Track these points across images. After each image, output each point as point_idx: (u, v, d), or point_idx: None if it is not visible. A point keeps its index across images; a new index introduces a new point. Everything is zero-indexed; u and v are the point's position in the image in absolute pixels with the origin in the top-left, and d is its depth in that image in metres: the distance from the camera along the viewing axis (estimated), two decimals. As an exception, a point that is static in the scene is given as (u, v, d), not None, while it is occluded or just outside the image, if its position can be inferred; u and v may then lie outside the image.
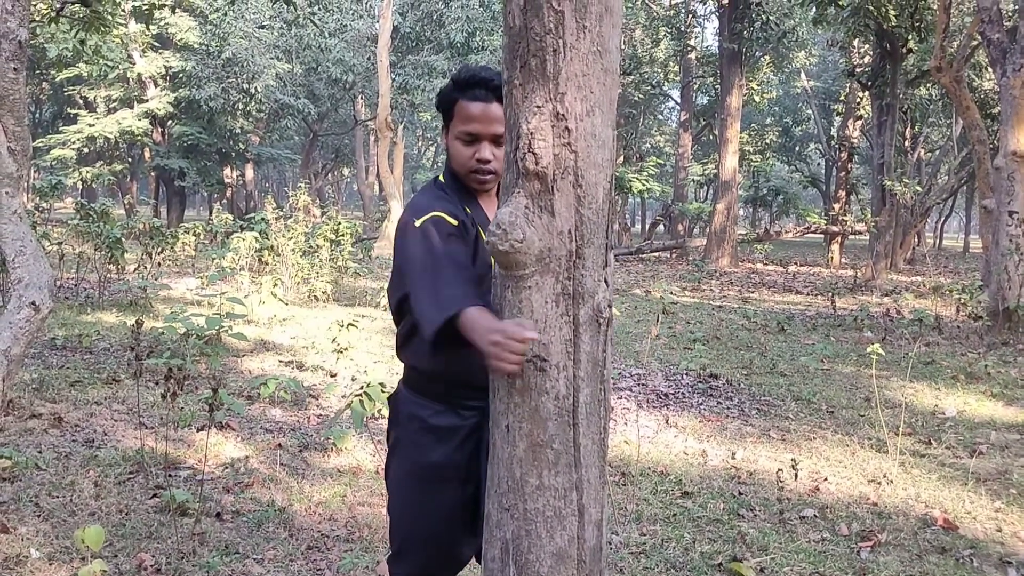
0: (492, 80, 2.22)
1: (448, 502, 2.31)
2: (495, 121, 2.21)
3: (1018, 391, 7.65)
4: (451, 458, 2.29)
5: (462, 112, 2.25)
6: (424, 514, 2.34)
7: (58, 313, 9.25)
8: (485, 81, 2.23)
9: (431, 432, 2.31)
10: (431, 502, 2.32)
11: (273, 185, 55.39)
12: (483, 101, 2.22)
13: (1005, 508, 4.70)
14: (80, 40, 11.74)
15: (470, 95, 2.24)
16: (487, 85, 2.22)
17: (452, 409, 2.30)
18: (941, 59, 12.40)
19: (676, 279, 18.55)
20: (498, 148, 2.24)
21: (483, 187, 2.29)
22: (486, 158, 2.23)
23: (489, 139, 2.23)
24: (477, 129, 2.22)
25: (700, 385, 7.62)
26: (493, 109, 2.22)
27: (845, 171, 26.28)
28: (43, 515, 4.06)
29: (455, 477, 2.30)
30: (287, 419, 6.03)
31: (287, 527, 4.13)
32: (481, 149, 2.23)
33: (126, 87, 27.13)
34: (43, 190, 18.93)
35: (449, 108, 2.29)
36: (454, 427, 2.29)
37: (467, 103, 2.24)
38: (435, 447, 2.30)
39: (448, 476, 2.30)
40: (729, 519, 4.44)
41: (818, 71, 43.09)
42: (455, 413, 2.29)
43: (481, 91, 2.23)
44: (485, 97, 2.22)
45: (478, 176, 2.26)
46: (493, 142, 2.23)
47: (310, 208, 14.89)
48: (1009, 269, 10.67)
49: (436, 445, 2.30)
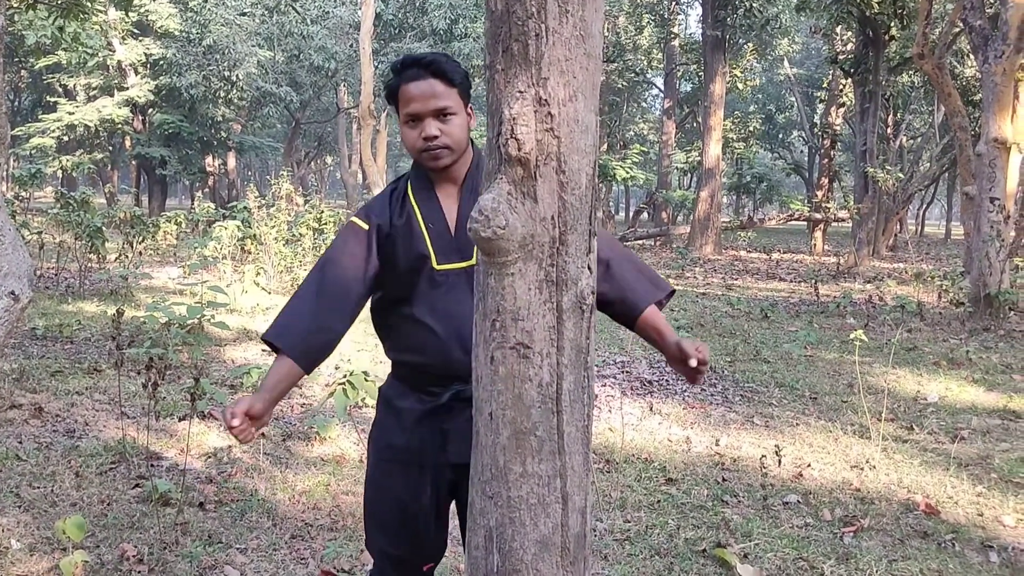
0: (424, 58, 2.21)
1: (404, 484, 2.33)
2: (434, 96, 2.19)
3: (999, 376, 7.71)
4: (407, 441, 2.32)
5: (403, 96, 2.23)
6: (381, 493, 2.38)
7: (38, 303, 9.18)
8: (417, 60, 2.22)
9: (394, 413, 2.36)
10: (387, 481, 2.36)
11: (255, 174, 55.07)
12: (419, 79, 2.20)
13: (986, 493, 4.73)
14: (59, 27, 11.64)
15: (406, 76, 2.22)
16: (420, 63, 2.21)
17: (414, 392, 2.33)
18: (923, 46, 12.44)
19: (660, 266, 18.58)
20: (443, 123, 2.21)
21: (438, 164, 2.25)
22: (432, 134, 2.20)
23: (431, 115, 2.20)
24: (417, 108, 2.20)
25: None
26: (431, 85, 2.20)
27: (828, 158, 26.36)
28: (24, 506, 4.03)
29: (411, 461, 2.32)
30: (270, 408, 6.00)
31: (271, 516, 4.11)
32: (425, 127, 2.20)
33: (106, 75, 26.91)
34: (22, 179, 18.74)
35: (394, 97, 2.27)
36: (411, 409, 2.32)
37: (405, 85, 2.22)
38: (395, 428, 2.35)
39: (404, 459, 2.33)
40: (713, 505, 4.45)
41: (801, 58, 43.22)
42: (416, 396, 2.32)
43: (415, 70, 2.21)
44: (420, 75, 2.20)
45: (429, 154, 2.23)
46: (436, 117, 2.21)
47: (293, 196, 14.79)
48: (990, 255, 10.73)
49: (396, 426, 2.35)
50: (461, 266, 2.26)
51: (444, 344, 2.25)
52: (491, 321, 1.68)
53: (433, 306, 2.27)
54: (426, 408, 2.31)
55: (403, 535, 2.37)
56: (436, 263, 2.26)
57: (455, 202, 2.30)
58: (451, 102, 2.21)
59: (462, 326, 2.21)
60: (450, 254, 2.26)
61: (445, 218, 2.28)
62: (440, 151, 2.22)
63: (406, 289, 2.29)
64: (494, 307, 1.69)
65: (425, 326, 2.27)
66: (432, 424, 2.30)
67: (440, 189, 2.31)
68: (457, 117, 2.23)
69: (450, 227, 2.28)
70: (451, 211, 2.29)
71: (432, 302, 2.27)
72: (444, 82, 2.21)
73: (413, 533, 2.35)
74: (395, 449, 2.34)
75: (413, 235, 2.26)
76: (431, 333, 2.26)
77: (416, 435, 2.31)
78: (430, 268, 2.26)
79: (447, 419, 2.29)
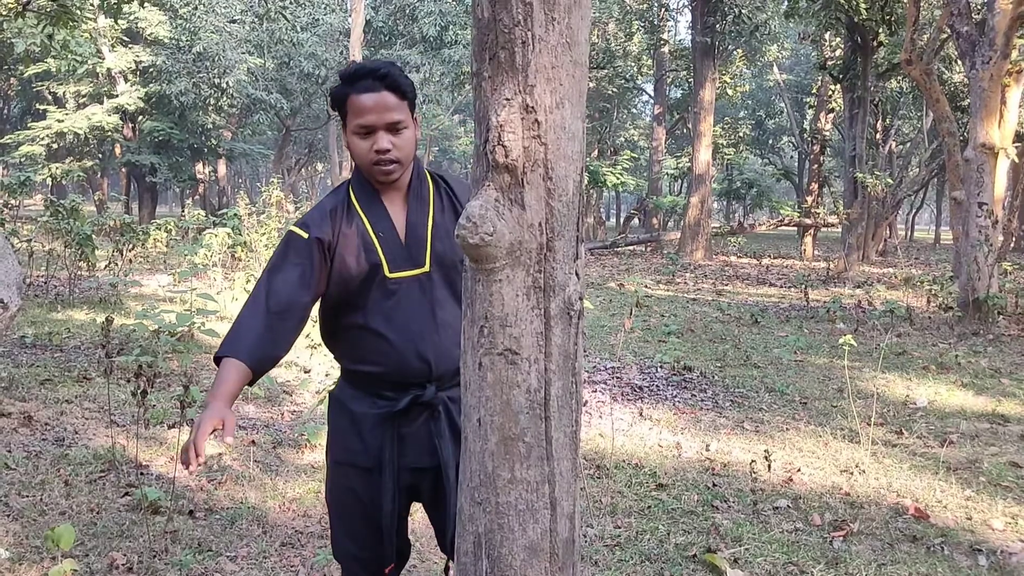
0: (379, 69, 2.19)
1: (364, 487, 2.33)
2: (388, 110, 2.18)
3: (988, 381, 7.74)
4: (364, 445, 2.31)
5: (354, 106, 2.20)
6: (343, 497, 2.39)
7: (27, 311, 9.15)
8: (372, 71, 2.19)
9: (348, 417, 2.35)
10: (347, 484, 2.36)
11: (246, 181, 55.01)
12: (373, 91, 2.18)
13: (975, 496, 4.75)
14: (48, 35, 11.61)
15: (359, 87, 2.19)
16: (375, 75, 2.19)
17: (368, 396, 2.33)
18: (911, 52, 12.50)
19: (650, 272, 18.61)
20: (396, 136, 2.21)
21: (388, 178, 2.25)
22: (384, 147, 2.20)
23: (384, 128, 2.20)
24: (371, 120, 2.19)
25: (674, 378, 7.66)
26: (385, 98, 2.18)
27: (817, 164, 26.45)
28: (13, 515, 4.01)
29: (369, 465, 2.31)
30: (260, 416, 6.00)
31: (261, 524, 4.10)
32: (378, 140, 2.20)
33: (95, 82, 26.84)
34: (12, 187, 18.67)
35: (342, 105, 2.24)
36: (366, 414, 2.32)
37: (357, 96, 2.19)
38: (350, 432, 2.34)
39: (362, 463, 2.32)
40: (703, 511, 4.46)
41: (790, 64, 43.33)
42: (370, 400, 2.32)
43: (368, 81, 2.19)
44: (374, 87, 2.18)
45: (381, 168, 2.22)
46: (389, 131, 2.20)
47: (283, 203, 14.80)
48: (979, 260, 10.79)
49: (351, 430, 2.34)
50: (413, 274, 2.27)
51: (400, 353, 2.25)
52: (479, 327, 1.69)
53: (387, 315, 2.27)
54: (382, 413, 2.30)
55: (369, 537, 2.36)
56: (388, 271, 2.26)
57: (402, 210, 2.30)
58: (403, 116, 2.21)
59: (416, 334, 2.24)
60: (401, 262, 2.27)
61: (394, 226, 2.29)
62: (392, 165, 2.23)
63: (357, 298, 2.28)
64: (482, 313, 1.69)
65: (379, 335, 2.27)
66: (389, 429, 2.30)
67: (386, 197, 2.31)
68: (408, 131, 2.23)
69: (400, 235, 2.28)
70: (399, 219, 2.30)
71: (386, 311, 2.27)
72: (397, 95, 2.20)
73: (377, 535, 2.35)
74: (352, 453, 2.34)
75: (364, 245, 2.26)
76: (386, 342, 2.26)
77: (373, 439, 2.31)
78: (382, 277, 2.26)
79: (404, 423, 2.29)
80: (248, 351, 2.18)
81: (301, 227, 2.29)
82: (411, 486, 2.34)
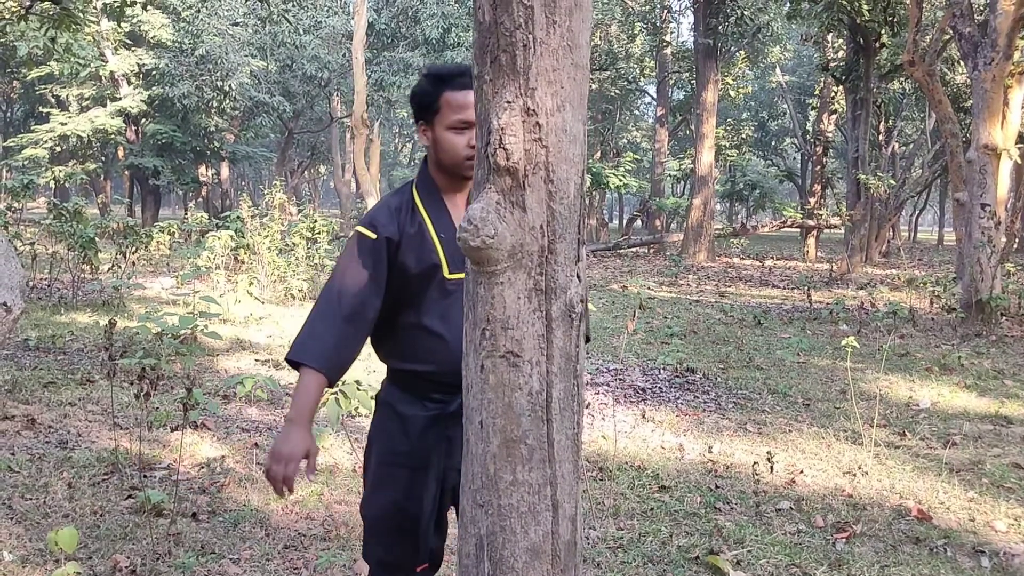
0: (470, 70, 2.26)
1: (406, 486, 2.35)
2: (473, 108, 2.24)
3: (991, 382, 7.73)
4: (414, 446, 2.34)
5: (453, 102, 2.27)
6: (382, 497, 2.39)
7: (31, 314, 9.16)
8: (467, 70, 2.26)
9: (397, 418, 2.37)
10: (389, 484, 2.37)
11: (249, 183, 55.00)
12: (468, 89, 2.24)
13: (978, 498, 4.75)
14: (51, 38, 11.63)
15: (458, 84, 2.27)
16: (469, 74, 2.25)
17: (418, 399, 2.35)
18: (914, 53, 12.49)
19: (653, 274, 18.60)
20: None
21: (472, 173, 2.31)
22: (475, 143, 2.24)
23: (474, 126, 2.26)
24: (470, 116, 2.24)
25: (677, 379, 7.65)
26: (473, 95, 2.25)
27: (820, 165, 26.42)
28: (16, 517, 4.02)
29: (415, 465, 2.34)
30: (264, 418, 6.00)
31: (264, 526, 4.11)
32: (473, 136, 2.25)
33: (98, 85, 26.89)
34: (15, 190, 18.68)
35: (434, 102, 2.30)
36: (416, 416, 2.34)
37: (456, 92, 2.26)
38: (399, 434, 2.36)
39: (410, 464, 2.34)
40: (706, 512, 4.46)
41: (793, 66, 43.32)
42: (420, 403, 2.35)
43: (466, 79, 2.25)
44: (469, 84, 2.24)
45: (471, 163, 2.26)
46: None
47: (286, 206, 14.80)
48: (982, 261, 10.77)
49: (400, 432, 2.36)
50: None
51: (453, 352, 2.26)
52: (481, 330, 1.69)
53: (444, 315, 2.30)
54: (431, 415, 2.34)
55: (402, 540, 2.38)
56: (448, 272, 2.30)
57: (462, 211, 2.34)
58: None
59: None
60: (460, 264, 2.29)
61: (455, 227, 2.31)
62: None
63: (415, 298, 2.32)
64: (484, 316, 1.70)
65: (435, 335, 2.30)
66: (438, 432, 2.33)
67: (448, 198, 2.36)
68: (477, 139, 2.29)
69: None
70: (460, 220, 2.32)
71: (443, 311, 2.31)
72: None
73: (413, 537, 2.37)
74: (399, 454, 2.36)
75: (425, 245, 2.30)
76: (442, 341, 2.30)
77: (422, 442, 2.34)
78: (441, 277, 2.30)
79: (452, 426, 2.31)
80: (326, 358, 2.22)
81: (368, 227, 2.31)
82: (456, 487, 2.35)
